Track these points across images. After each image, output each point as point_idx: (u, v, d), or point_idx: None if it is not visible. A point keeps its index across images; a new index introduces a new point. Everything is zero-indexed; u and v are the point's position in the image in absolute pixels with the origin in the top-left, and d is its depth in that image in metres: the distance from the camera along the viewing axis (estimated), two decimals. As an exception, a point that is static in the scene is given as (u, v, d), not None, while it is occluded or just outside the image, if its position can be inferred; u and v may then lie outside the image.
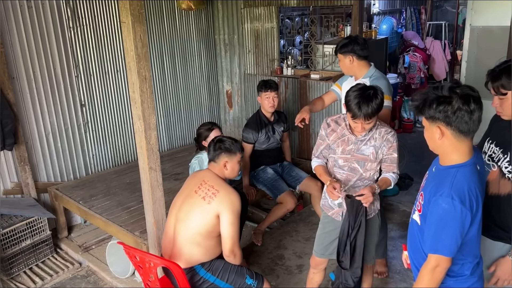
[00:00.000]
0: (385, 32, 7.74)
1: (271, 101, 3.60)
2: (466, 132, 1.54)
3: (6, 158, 3.69)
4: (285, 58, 4.88)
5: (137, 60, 2.37)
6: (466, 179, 1.56)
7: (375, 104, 2.16)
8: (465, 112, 1.50)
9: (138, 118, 2.49)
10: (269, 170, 3.78)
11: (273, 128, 3.76)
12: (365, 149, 2.35)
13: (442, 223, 1.56)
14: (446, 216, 1.54)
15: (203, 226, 2.34)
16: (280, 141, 3.89)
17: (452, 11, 8.94)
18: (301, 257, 3.52)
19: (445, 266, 1.60)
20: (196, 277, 2.42)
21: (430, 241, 1.61)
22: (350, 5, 4.07)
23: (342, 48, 2.80)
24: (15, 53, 3.58)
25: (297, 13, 5.27)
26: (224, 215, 2.31)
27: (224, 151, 2.44)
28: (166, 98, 4.83)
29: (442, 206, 1.54)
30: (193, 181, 2.48)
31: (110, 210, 3.41)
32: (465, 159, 1.59)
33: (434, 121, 1.57)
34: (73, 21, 3.92)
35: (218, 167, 2.47)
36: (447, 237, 1.56)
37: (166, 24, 4.70)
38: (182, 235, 2.38)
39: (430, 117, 1.57)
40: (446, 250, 1.58)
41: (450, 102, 1.51)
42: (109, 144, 4.38)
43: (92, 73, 4.14)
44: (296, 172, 3.85)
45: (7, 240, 3.32)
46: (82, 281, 3.39)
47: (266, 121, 3.71)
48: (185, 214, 2.39)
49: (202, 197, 2.36)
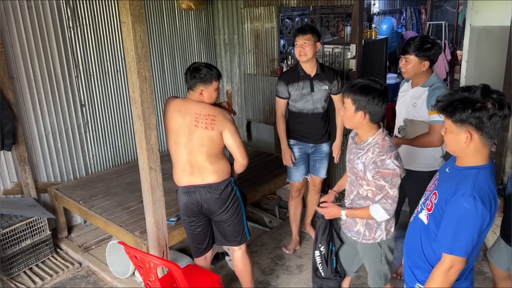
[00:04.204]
0: (385, 32, 7.75)
1: (301, 48, 3.03)
2: (495, 137, 1.53)
3: (6, 158, 3.69)
4: (285, 58, 4.88)
5: (137, 60, 2.37)
6: (486, 181, 1.55)
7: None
8: (499, 118, 1.48)
9: (138, 118, 2.49)
10: (295, 150, 3.30)
11: (312, 84, 3.15)
12: (358, 162, 2.15)
13: (462, 223, 1.53)
14: (467, 216, 1.52)
15: (216, 147, 2.55)
16: (325, 107, 3.24)
17: (452, 11, 8.93)
18: (301, 257, 3.52)
19: (459, 267, 1.58)
20: (230, 188, 2.62)
21: (447, 242, 1.58)
22: (350, 5, 4.06)
23: (425, 51, 2.54)
24: (15, 53, 3.58)
25: (297, 13, 5.26)
26: (227, 131, 2.53)
27: (199, 81, 2.51)
28: (166, 98, 4.82)
29: (463, 206, 1.52)
30: (185, 117, 2.53)
31: (110, 210, 3.41)
32: (485, 162, 1.58)
33: (463, 125, 1.53)
34: (73, 21, 3.91)
35: (195, 95, 2.55)
36: (466, 238, 1.54)
37: (166, 24, 4.70)
38: (201, 160, 2.55)
39: (460, 121, 1.53)
40: (462, 251, 1.55)
41: (486, 108, 1.48)
42: (109, 144, 4.38)
43: (92, 73, 4.13)
44: (321, 165, 3.40)
45: (7, 240, 3.32)
46: (82, 281, 3.39)
47: (302, 73, 3.14)
48: (197, 146, 2.53)
49: (204, 127, 2.50)
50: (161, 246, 2.76)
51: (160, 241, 2.75)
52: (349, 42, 4.20)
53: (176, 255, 3.42)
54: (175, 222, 3.12)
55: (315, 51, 3.09)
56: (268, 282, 3.24)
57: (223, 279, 3.20)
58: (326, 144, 3.36)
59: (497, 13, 3.71)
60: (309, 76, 3.15)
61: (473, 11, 3.91)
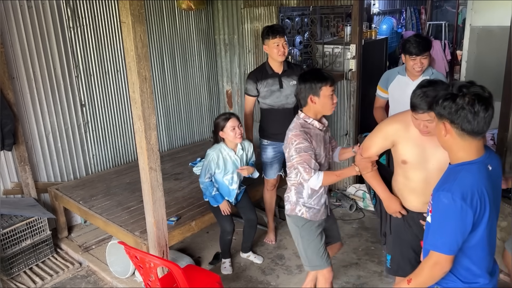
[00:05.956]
0: (385, 32, 7.74)
1: (281, 48, 3.19)
2: (470, 131, 1.51)
3: (6, 158, 3.69)
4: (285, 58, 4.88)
5: (137, 60, 2.37)
6: (471, 177, 1.53)
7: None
8: (468, 111, 1.48)
9: (138, 118, 2.49)
10: (269, 151, 3.44)
11: (281, 81, 3.30)
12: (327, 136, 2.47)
13: (442, 219, 1.54)
14: (447, 211, 1.52)
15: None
16: (294, 101, 3.32)
17: (452, 11, 8.92)
18: (301, 257, 3.52)
19: (444, 265, 1.57)
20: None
21: (430, 237, 1.59)
22: (350, 5, 4.07)
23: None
24: (15, 53, 3.58)
25: (297, 13, 5.26)
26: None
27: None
28: (166, 98, 4.83)
29: (442, 201, 1.53)
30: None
31: (110, 210, 3.41)
32: (472, 158, 1.56)
33: (440, 118, 1.56)
34: (73, 21, 3.91)
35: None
36: (447, 234, 1.53)
37: (166, 24, 4.70)
38: None
39: (437, 113, 1.57)
40: (446, 247, 1.54)
41: (454, 100, 1.50)
42: (109, 144, 4.38)
43: (92, 73, 4.14)
44: None
45: (7, 240, 3.32)
46: (82, 281, 3.39)
47: (270, 72, 3.30)
48: None
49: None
50: (161, 246, 2.76)
51: (160, 241, 2.75)
52: (349, 42, 4.20)
53: (176, 255, 3.43)
54: (175, 222, 3.13)
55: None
56: (268, 282, 3.24)
57: (223, 279, 3.20)
58: None
59: (497, 13, 3.71)
60: (277, 74, 3.31)
61: (473, 11, 3.91)
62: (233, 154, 3.16)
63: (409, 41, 2.88)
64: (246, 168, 3.20)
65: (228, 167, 3.15)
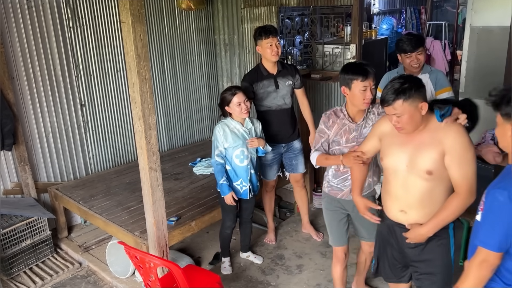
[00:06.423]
0: (385, 32, 7.75)
1: (275, 48, 3.19)
2: None
3: (6, 158, 3.69)
4: (285, 58, 4.88)
5: (137, 60, 2.37)
6: None
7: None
8: None
9: (138, 118, 2.49)
10: (268, 153, 3.36)
11: (276, 82, 3.30)
12: (367, 131, 2.38)
13: (494, 216, 1.52)
14: (500, 209, 1.50)
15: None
16: (291, 102, 3.40)
17: (452, 11, 8.93)
18: (301, 257, 3.52)
19: (492, 262, 1.54)
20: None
21: (481, 234, 1.56)
22: (350, 5, 4.07)
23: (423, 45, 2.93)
24: (15, 53, 3.58)
25: (297, 13, 5.26)
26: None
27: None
28: (166, 98, 4.83)
29: (497, 198, 1.50)
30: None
31: (110, 210, 3.41)
32: None
33: (509, 119, 1.51)
34: (73, 21, 3.91)
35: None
36: (498, 231, 1.51)
37: (166, 24, 4.70)
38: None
39: (506, 114, 1.51)
40: (496, 244, 1.52)
41: None
42: (109, 144, 4.38)
43: (92, 73, 4.14)
44: (298, 162, 3.54)
45: (7, 240, 3.32)
46: (82, 281, 3.39)
47: (265, 73, 3.29)
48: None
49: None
50: (161, 246, 2.76)
51: (160, 241, 2.75)
52: (349, 42, 4.20)
53: (176, 255, 3.43)
54: (175, 222, 3.12)
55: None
56: (268, 282, 3.24)
57: (223, 279, 3.20)
58: (298, 141, 3.52)
59: (497, 13, 3.72)
60: (272, 75, 3.30)
61: (473, 11, 3.91)
62: (240, 126, 3.07)
63: (401, 40, 2.94)
64: (256, 139, 3.09)
65: (237, 141, 3.06)
